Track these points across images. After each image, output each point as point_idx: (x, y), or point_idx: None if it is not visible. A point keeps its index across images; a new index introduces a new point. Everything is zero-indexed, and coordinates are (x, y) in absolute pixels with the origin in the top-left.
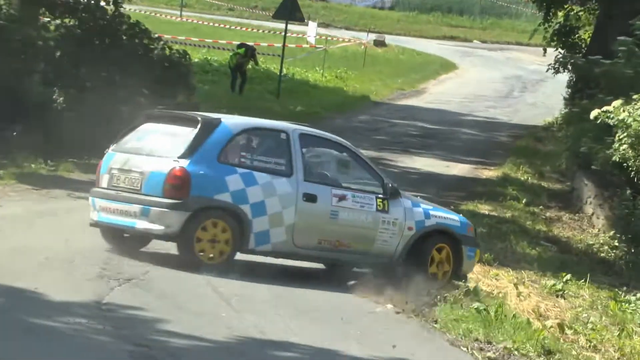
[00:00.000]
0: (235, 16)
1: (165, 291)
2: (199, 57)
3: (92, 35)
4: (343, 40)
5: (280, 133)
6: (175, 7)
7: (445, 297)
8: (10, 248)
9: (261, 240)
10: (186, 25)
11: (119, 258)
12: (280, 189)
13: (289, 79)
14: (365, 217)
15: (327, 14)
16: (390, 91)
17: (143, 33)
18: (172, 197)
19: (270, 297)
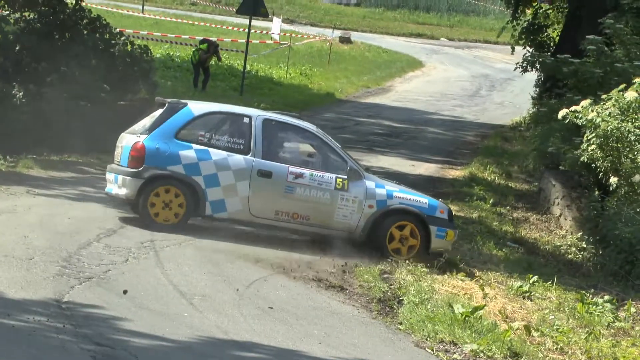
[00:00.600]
0: (199, 11)
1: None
2: (161, 53)
3: (52, 30)
4: (308, 36)
5: (243, 117)
6: (137, 2)
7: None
8: None
9: (217, 208)
10: (148, 20)
11: (79, 256)
12: (235, 165)
13: (252, 75)
14: (322, 193)
15: (291, 10)
16: (355, 89)
17: (104, 28)
18: (132, 167)
19: (233, 297)
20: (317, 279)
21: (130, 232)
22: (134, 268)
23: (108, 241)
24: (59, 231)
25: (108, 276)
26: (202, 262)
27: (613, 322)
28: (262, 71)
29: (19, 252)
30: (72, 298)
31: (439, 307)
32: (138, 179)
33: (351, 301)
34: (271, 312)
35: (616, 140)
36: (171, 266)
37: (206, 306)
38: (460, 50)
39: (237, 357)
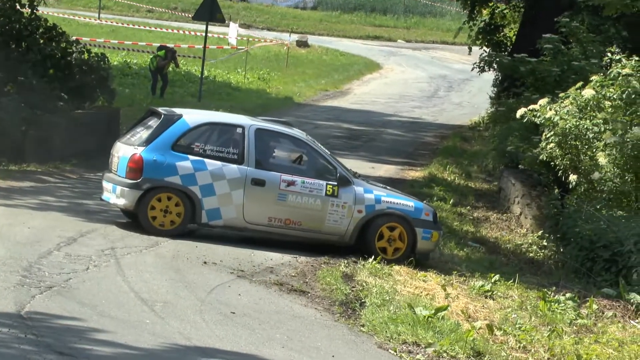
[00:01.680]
0: (155, 18)
1: (88, 299)
2: (119, 60)
3: (7, 39)
4: (265, 40)
5: (237, 127)
6: (93, 10)
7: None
8: None
9: (213, 216)
10: (105, 28)
11: (39, 266)
12: (230, 174)
13: (210, 81)
14: (314, 200)
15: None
16: (313, 92)
17: (60, 36)
18: (131, 178)
19: (194, 303)
20: (278, 283)
21: (91, 240)
22: (95, 276)
23: (68, 250)
24: (19, 241)
25: (69, 285)
26: (163, 269)
27: (575, 319)
28: (220, 76)
29: None
30: (34, 308)
31: (401, 308)
32: (137, 190)
33: (313, 304)
34: (234, 317)
35: (575, 138)
36: (132, 273)
37: (168, 313)
38: (417, 51)
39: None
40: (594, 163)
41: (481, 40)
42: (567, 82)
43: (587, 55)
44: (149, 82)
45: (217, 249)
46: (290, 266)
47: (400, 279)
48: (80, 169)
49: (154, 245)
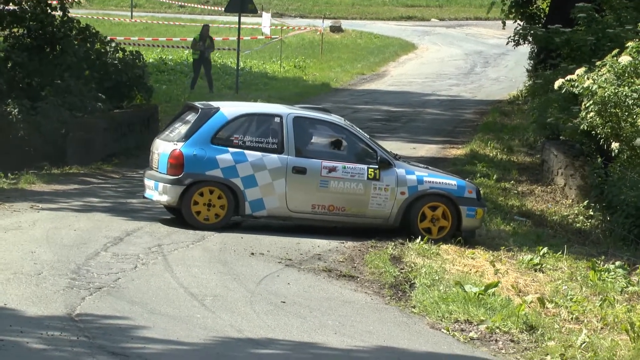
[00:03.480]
0: (187, 13)
1: (138, 297)
2: (154, 57)
3: (42, 43)
4: (299, 28)
5: (274, 117)
6: (125, 9)
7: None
8: None
9: (256, 207)
10: (138, 26)
11: (87, 267)
12: (271, 164)
13: (247, 72)
14: (356, 185)
15: (280, 3)
16: (350, 77)
17: (94, 37)
18: (172, 174)
19: (244, 295)
20: (327, 270)
21: (137, 238)
22: (143, 274)
23: (115, 250)
24: (66, 244)
25: (118, 284)
26: (211, 263)
27: (626, 287)
28: (256, 67)
29: (27, 268)
30: (84, 310)
31: (451, 287)
32: (179, 186)
33: (363, 289)
34: (284, 307)
35: (614, 106)
36: (180, 269)
37: (218, 306)
38: (451, 29)
39: (253, 354)
40: (635, 129)
41: (514, 14)
42: (602, 50)
43: (621, 21)
44: (185, 77)
45: (263, 240)
46: (337, 252)
47: (448, 258)
48: (122, 168)
49: (200, 239)
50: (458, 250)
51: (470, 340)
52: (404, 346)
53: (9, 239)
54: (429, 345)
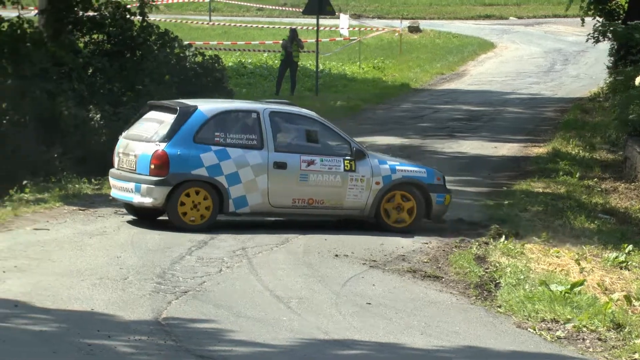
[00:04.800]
0: (265, 16)
1: (223, 300)
2: (233, 61)
3: (122, 49)
4: (377, 29)
5: (251, 113)
6: (204, 13)
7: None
8: (62, 272)
9: (240, 204)
10: (217, 30)
11: (173, 271)
12: (252, 160)
13: (326, 74)
14: (334, 177)
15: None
16: (430, 77)
17: (173, 41)
18: (156, 175)
19: (329, 297)
20: (412, 270)
21: (221, 242)
22: (228, 277)
23: (200, 253)
24: (151, 248)
25: (204, 288)
26: (295, 265)
27: None
28: (335, 69)
29: (113, 273)
30: (170, 313)
31: (537, 285)
32: (165, 187)
33: (448, 289)
34: (370, 308)
35: None
36: (265, 272)
37: (304, 308)
38: (530, 27)
39: (339, 356)
40: None
41: (593, 11)
42: None
43: None
44: (265, 80)
45: (347, 241)
46: (421, 252)
47: (533, 257)
48: None
49: (284, 242)
50: (543, 249)
51: (557, 339)
52: (491, 346)
53: (95, 245)
54: (516, 345)
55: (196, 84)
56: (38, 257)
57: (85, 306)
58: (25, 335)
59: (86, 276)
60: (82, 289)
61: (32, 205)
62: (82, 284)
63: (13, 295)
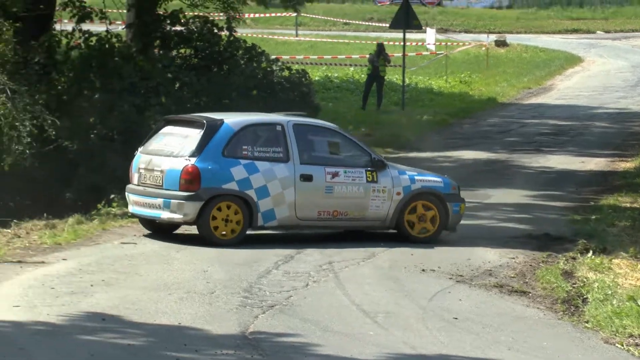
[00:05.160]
0: (352, 30)
1: (310, 315)
2: (319, 75)
3: (209, 63)
4: (463, 44)
5: (276, 125)
6: (290, 27)
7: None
8: (149, 286)
9: (268, 217)
10: (303, 44)
11: (259, 286)
12: (280, 173)
13: (412, 88)
14: (357, 188)
15: (444, 19)
16: (516, 91)
17: (260, 56)
18: (187, 190)
19: (416, 311)
20: (498, 285)
21: (308, 256)
22: (315, 292)
23: (287, 267)
24: (237, 262)
25: (290, 302)
26: (382, 280)
27: None
28: (421, 83)
29: (200, 287)
30: (257, 328)
31: (625, 301)
32: (197, 202)
33: (535, 304)
34: (456, 323)
35: None
36: (352, 286)
37: (391, 323)
38: (617, 41)
39: None
40: None
41: None
42: None
43: None
44: (351, 94)
45: (433, 256)
46: (508, 267)
47: (620, 272)
48: None
49: (370, 256)
50: (630, 264)
51: None
52: None
53: (181, 259)
54: None
55: (283, 99)
56: (125, 271)
57: (173, 320)
58: (114, 349)
59: (173, 290)
60: (169, 303)
61: (120, 220)
62: (169, 298)
63: (101, 309)
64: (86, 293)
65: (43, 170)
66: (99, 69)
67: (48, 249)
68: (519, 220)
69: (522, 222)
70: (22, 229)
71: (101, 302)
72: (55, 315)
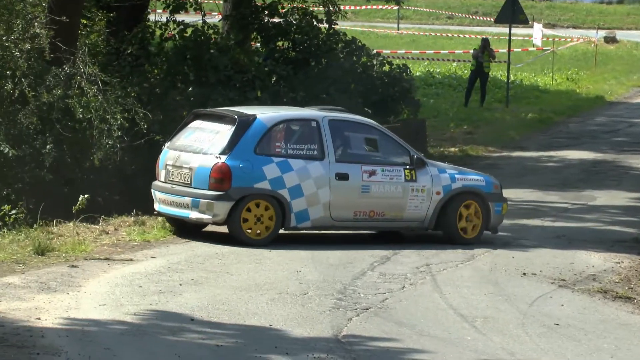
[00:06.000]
0: (455, 24)
1: (406, 318)
2: (421, 71)
3: (307, 57)
4: (571, 40)
5: (311, 122)
6: (392, 21)
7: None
8: (240, 286)
9: (301, 218)
10: (405, 38)
11: (354, 287)
12: (314, 172)
13: (517, 85)
14: (395, 188)
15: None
16: (625, 89)
17: (360, 50)
18: (217, 190)
19: (516, 316)
20: (602, 291)
21: (405, 258)
22: (411, 294)
23: (382, 269)
24: (332, 263)
25: (385, 305)
26: (481, 283)
27: None
28: (526, 80)
29: (292, 288)
30: (351, 331)
31: None
32: (227, 202)
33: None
34: (557, 329)
35: None
36: (449, 289)
37: (489, 328)
38: None
39: None
40: None
41: None
42: None
43: None
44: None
45: (535, 259)
46: (613, 272)
47: None
48: None
49: (469, 259)
50: None
51: None
52: None
53: (274, 258)
54: None
55: (382, 94)
56: (216, 270)
57: (263, 321)
58: (202, 350)
59: (265, 290)
60: (260, 304)
61: None
62: (260, 299)
63: (189, 309)
64: (175, 292)
65: (133, 165)
66: (193, 62)
67: (136, 247)
68: (625, 223)
69: (628, 226)
70: (110, 225)
71: (190, 301)
72: (142, 314)
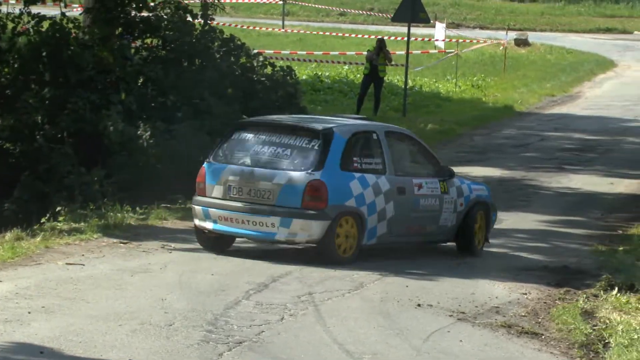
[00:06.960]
0: (348, 22)
1: (285, 354)
2: (308, 74)
3: (179, 56)
4: (477, 41)
5: (372, 134)
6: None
7: None
8: (97, 315)
9: (370, 235)
10: (291, 37)
11: (226, 318)
12: (384, 187)
13: (416, 92)
14: (434, 201)
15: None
16: (537, 98)
17: (239, 49)
18: (312, 208)
19: (409, 353)
20: (506, 325)
21: (285, 285)
22: (291, 327)
23: (259, 298)
24: (202, 290)
25: (261, 338)
26: (370, 314)
27: None
28: (426, 86)
29: (156, 318)
30: None
31: None
32: (325, 221)
33: (548, 348)
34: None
35: None
36: (334, 322)
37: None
38: None
39: None
40: None
41: None
42: None
43: None
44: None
45: (432, 289)
46: (519, 304)
47: None
48: None
49: (358, 287)
50: None
51: None
52: None
53: (137, 284)
54: None
55: (263, 99)
56: (70, 297)
57: (123, 355)
58: None
59: (125, 320)
60: (120, 335)
61: (66, 236)
62: (120, 330)
63: (39, 341)
64: (22, 321)
65: None
66: (50, 60)
67: None
68: (533, 249)
69: (537, 252)
70: None
71: (40, 332)
72: None
